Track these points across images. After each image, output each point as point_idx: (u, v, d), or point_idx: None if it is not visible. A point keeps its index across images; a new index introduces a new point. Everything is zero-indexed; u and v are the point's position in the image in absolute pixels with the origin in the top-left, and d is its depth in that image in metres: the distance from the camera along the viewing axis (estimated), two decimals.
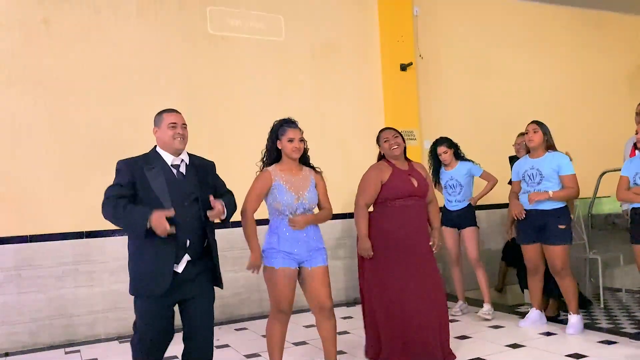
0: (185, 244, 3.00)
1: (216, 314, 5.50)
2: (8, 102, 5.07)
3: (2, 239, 4.95)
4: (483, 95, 7.18)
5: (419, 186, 3.89)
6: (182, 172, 3.12)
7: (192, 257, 3.04)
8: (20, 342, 4.92)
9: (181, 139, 3.11)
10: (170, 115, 3.14)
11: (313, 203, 3.54)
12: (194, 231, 3.04)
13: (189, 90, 5.70)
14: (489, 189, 5.34)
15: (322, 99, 6.25)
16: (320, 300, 3.49)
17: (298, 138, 3.50)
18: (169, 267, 2.96)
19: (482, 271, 5.19)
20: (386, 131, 4.04)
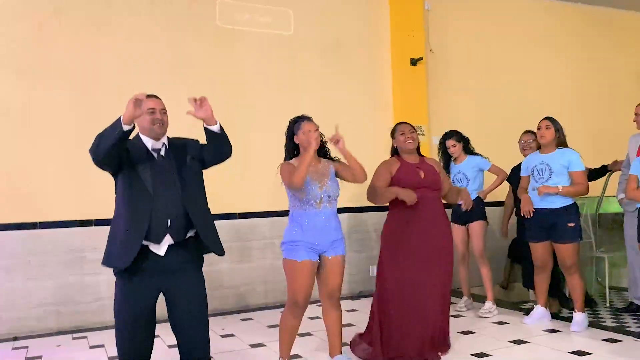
0: (166, 224, 2.99)
1: (222, 304, 5.66)
2: (18, 92, 5.11)
3: (11, 226, 5.00)
4: (493, 92, 7.15)
5: (426, 177, 3.88)
6: (163, 155, 3.12)
7: (175, 241, 3.02)
8: (28, 327, 4.98)
9: (160, 124, 3.11)
10: (149, 101, 3.11)
11: (335, 192, 3.58)
12: (175, 211, 3.01)
13: (197, 83, 5.70)
14: (498, 182, 5.37)
15: (331, 94, 6.25)
16: (330, 289, 3.55)
17: (314, 129, 3.53)
18: (138, 239, 2.94)
19: (486, 268, 5.19)
20: (403, 125, 4.04)
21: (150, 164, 3.05)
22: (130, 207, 2.99)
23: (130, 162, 3.02)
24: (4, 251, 4.96)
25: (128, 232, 2.96)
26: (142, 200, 2.97)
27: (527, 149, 5.10)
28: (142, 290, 3.01)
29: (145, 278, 2.99)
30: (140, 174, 3.01)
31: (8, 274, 4.96)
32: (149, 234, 2.95)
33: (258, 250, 5.89)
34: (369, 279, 6.29)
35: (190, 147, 3.22)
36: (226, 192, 5.72)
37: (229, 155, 3.25)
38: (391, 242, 3.89)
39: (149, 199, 2.96)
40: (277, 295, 5.89)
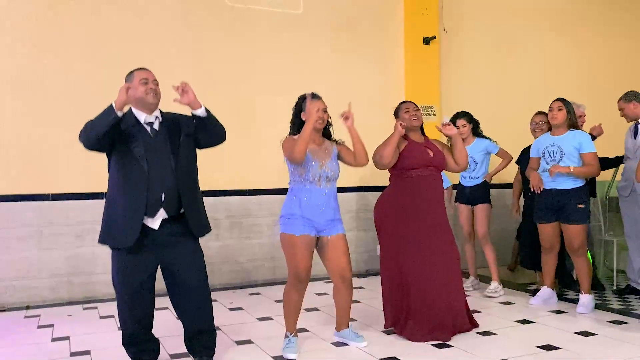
0: (160, 198, 3.03)
1: (230, 278, 5.73)
2: (31, 65, 5.14)
3: (24, 197, 5.07)
4: (506, 73, 7.09)
5: (435, 156, 3.88)
6: (156, 128, 3.14)
7: (168, 214, 3.06)
8: (40, 296, 5.07)
9: (154, 94, 3.13)
10: (141, 72, 3.15)
11: (335, 173, 3.60)
12: (168, 186, 3.05)
13: (206, 60, 5.72)
14: (504, 165, 5.39)
15: (342, 72, 6.22)
16: (341, 271, 3.58)
17: (322, 108, 3.54)
18: (138, 218, 2.99)
19: (490, 248, 5.20)
20: (407, 103, 4.04)
21: (143, 139, 3.07)
22: (126, 185, 3.02)
23: (124, 140, 3.04)
24: (18, 221, 5.03)
25: (127, 209, 2.99)
26: (138, 177, 3.01)
27: (537, 131, 5.07)
28: (139, 265, 3.07)
29: (141, 252, 3.05)
30: (134, 151, 3.04)
31: (21, 243, 5.04)
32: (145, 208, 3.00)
33: (267, 226, 5.93)
34: (376, 258, 6.31)
35: (184, 123, 3.23)
36: (236, 168, 5.76)
37: (223, 138, 3.28)
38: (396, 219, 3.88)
39: (145, 176, 3.00)
40: (284, 272, 5.85)
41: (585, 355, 3.42)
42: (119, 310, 3.19)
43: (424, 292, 3.75)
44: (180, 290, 3.18)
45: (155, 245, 3.07)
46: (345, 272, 3.58)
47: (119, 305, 3.18)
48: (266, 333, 4.02)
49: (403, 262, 3.82)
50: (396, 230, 3.87)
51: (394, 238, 3.89)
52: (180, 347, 3.37)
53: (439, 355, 3.47)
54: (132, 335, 3.20)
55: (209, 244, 5.31)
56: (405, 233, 3.83)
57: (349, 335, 3.71)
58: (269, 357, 3.50)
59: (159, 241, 3.07)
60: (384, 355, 3.45)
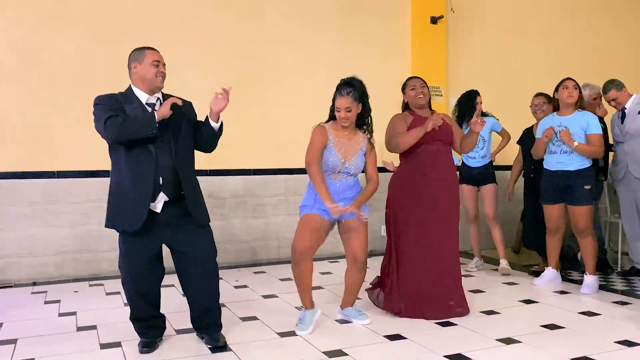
0: (158, 182, 3.02)
1: (236, 257, 5.76)
2: (36, 41, 5.12)
3: (30, 174, 5.08)
4: (513, 53, 7.02)
5: (441, 130, 3.80)
6: (157, 109, 3.09)
7: (169, 197, 3.06)
8: (47, 273, 5.11)
9: (162, 78, 3.10)
10: (154, 53, 3.10)
11: (358, 170, 3.59)
12: (166, 169, 3.03)
13: (213, 40, 5.67)
14: (504, 144, 5.44)
15: (349, 52, 6.17)
16: (356, 253, 3.59)
17: (344, 108, 3.46)
18: (145, 203, 2.98)
19: (498, 228, 5.22)
20: (414, 79, 3.99)
21: None
22: (133, 170, 2.99)
23: None
24: (24, 199, 5.06)
25: (134, 193, 2.98)
26: (145, 162, 2.98)
27: (538, 112, 5.04)
28: (144, 247, 3.09)
29: (146, 235, 3.05)
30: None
31: (28, 221, 5.06)
32: None
33: (271, 206, 5.95)
34: (381, 239, 6.33)
35: (186, 109, 3.20)
36: (241, 148, 5.75)
37: (211, 150, 3.32)
38: (404, 194, 3.86)
39: (152, 160, 2.98)
40: (289, 251, 5.90)
41: (589, 334, 3.43)
42: (126, 290, 3.21)
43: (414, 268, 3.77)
44: (188, 268, 3.19)
45: (160, 227, 3.07)
46: (359, 256, 3.59)
47: (125, 285, 3.20)
48: (271, 310, 4.04)
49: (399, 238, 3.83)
50: (402, 209, 3.86)
51: (399, 217, 3.87)
52: (186, 323, 3.40)
53: (443, 333, 3.49)
54: (139, 312, 3.23)
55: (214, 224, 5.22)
56: (409, 212, 3.82)
57: (353, 313, 3.72)
58: (273, 332, 3.52)
59: (163, 222, 3.08)
60: (387, 333, 3.47)
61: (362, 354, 3.13)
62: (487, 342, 3.30)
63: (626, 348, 3.17)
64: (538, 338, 3.36)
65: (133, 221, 3.00)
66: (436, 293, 3.78)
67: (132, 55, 3.13)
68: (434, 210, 3.79)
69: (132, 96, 3.09)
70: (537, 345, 3.22)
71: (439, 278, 3.79)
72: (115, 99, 3.06)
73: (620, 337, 3.34)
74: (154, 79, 3.06)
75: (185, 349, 3.22)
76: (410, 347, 3.24)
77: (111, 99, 3.05)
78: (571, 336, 3.41)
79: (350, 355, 3.10)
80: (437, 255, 3.78)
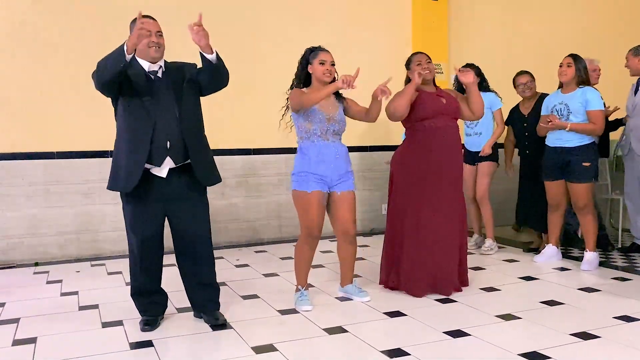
0: (165, 146, 3.03)
1: (237, 236, 5.77)
2: (34, 21, 5.08)
3: (31, 155, 5.08)
4: (515, 30, 6.94)
5: (448, 103, 3.76)
6: (159, 76, 3.12)
7: (175, 163, 3.07)
8: (49, 253, 5.14)
9: (157, 48, 3.07)
10: (147, 22, 3.03)
11: (342, 125, 3.59)
12: (173, 134, 3.04)
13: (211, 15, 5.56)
14: (497, 134, 5.19)
15: (349, 29, 6.12)
16: (345, 226, 3.58)
17: (329, 61, 3.51)
18: (140, 163, 3.00)
19: (487, 208, 5.18)
20: (419, 55, 3.92)
21: (148, 87, 3.06)
22: (130, 131, 3.04)
23: (129, 86, 3.03)
24: (25, 179, 5.06)
25: (130, 155, 3.01)
26: (142, 123, 3.01)
27: (527, 91, 4.99)
28: (149, 215, 3.11)
29: (150, 203, 3.09)
30: (139, 97, 3.03)
31: (29, 201, 5.08)
32: (150, 156, 3.02)
33: (272, 185, 5.94)
34: (381, 217, 6.34)
35: (187, 70, 3.21)
36: (241, 127, 5.73)
37: (225, 84, 3.24)
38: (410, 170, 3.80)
39: (150, 122, 3.00)
40: (290, 230, 5.98)
41: (588, 310, 3.45)
42: (130, 261, 3.25)
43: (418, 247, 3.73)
44: (182, 241, 3.22)
45: (164, 195, 3.10)
46: (349, 229, 3.59)
47: (130, 256, 3.24)
48: (272, 288, 4.06)
49: (404, 218, 3.80)
50: (406, 185, 3.82)
51: (402, 193, 3.84)
52: (188, 301, 3.42)
53: (442, 310, 3.50)
54: (140, 286, 3.25)
55: (215, 202, 5.32)
56: (414, 189, 3.78)
57: (353, 290, 3.74)
58: (274, 310, 3.54)
59: (167, 192, 3.10)
60: (387, 310, 3.49)
61: (362, 330, 3.15)
62: (487, 318, 3.32)
63: (625, 323, 3.19)
64: (537, 314, 3.38)
65: (127, 181, 3.03)
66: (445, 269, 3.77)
67: (130, 27, 3.13)
68: (439, 187, 3.75)
69: (135, 64, 3.08)
70: (537, 321, 3.24)
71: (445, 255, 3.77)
72: None
73: (620, 313, 3.35)
74: (146, 49, 3.06)
75: (186, 327, 3.25)
76: (410, 324, 3.26)
77: None
78: (571, 312, 3.42)
79: (351, 331, 3.12)
80: (443, 234, 3.75)
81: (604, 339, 2.95)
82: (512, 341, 2.94)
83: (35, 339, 3.12)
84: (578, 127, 4.34)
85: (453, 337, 3.02)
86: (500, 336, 3.02)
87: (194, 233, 3.20)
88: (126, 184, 3.04)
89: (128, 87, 3.02)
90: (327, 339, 3.05)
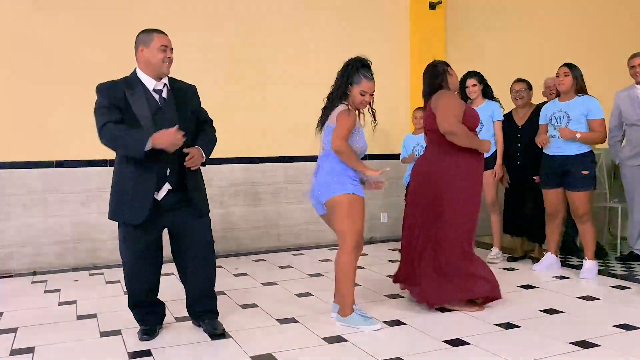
0: (165, 173, 3.00)
1: (236, 245, 5.75)
2: (32, 28, 5.09)
3: (29, 164, 5.08)
4: (513, 39, 6.97)
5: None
6: (164, 97, 3.04)
7: (173, 187, 3.04)
8: (47, 262, 5.12)
9: (169, 64, 3.04)
10: (162, 37, 3.02)
11: None
12: (173, 161, 3.00)
13: (211, 23, 5.63)
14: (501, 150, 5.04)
15: (347, 37, 6.14)
16: None
17: (371, 92, 3.36)
18: (149, 196, 2.96)
19: (496, 216, 5.15)
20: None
21: (151, 109, 2.97)
22: (137, 161, 2.93)
23: (132, 115, 2.93)
24: (23, 188, 5.05)
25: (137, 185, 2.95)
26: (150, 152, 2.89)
27: (519, 99, 5.01)
28: (143, 232, 3.05)
29: (146, 223, 3.01)
30: (141, 120, 2.93)
31: (27, 210, 5.07)
32: None
33: (270, 194, 5.94)
34: (381, 225, 6.36)
35: (190, 98, 3.15)
36: (239, 136, 5.73)
37: None
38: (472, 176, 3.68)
39: (155, 151, 2.87)
40: (288, 239, 5.98)
41: (588, 318, 3.44)
42: (125, 274, 3.20)
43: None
44: (186, 253, 3.19)
45: (160, 213, 3.05)
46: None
47: (125, 270, 3.19)
48: (271, 297, 4.05)
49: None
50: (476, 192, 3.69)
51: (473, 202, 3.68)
52: (186, 311, 3.40)
53: (442, 319, 3.49)
54: (138, 298, 3.23)
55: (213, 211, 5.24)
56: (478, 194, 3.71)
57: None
58: (273, 319, 3.53)
59: (163, 209, 3.06)
60: (387, 319, 3.48)
61: (362, 339, 3.13)
62: (487, 327, 3.31)
63: (625, 332, 3.18)
64: (537, 323, 3.37)
65: (135, 214, 2.97)
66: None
67: (140, 38, 3.05)
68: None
69: (135, 81, 3.00)
70: (536, 330, 3.23)
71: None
72: (117, 87, 2.98)
73: (619, 321, 3.34)
74: (160, 64, 2.99)
75: (185, 337, 3.23)
76: (410, 333, 3.25)
77: (113, 88, 2.97)
78: (570, 320, 3.42)
79: (350, 341, 3.11)
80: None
81: (603, 347, 2.94)
82: (511, 350, 2.93)
83: (33, 348, 3.10)
84: (587, 136, 4.35)
85: (453, 346, 3.01)
86: (500, 345, 3.01)
87: (194, 242, 3.18)
88: (135, 217, 2.97)
89: (131, 116, 2.94)
90: (326, 348, 3.03)
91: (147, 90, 3.01)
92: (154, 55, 2.99)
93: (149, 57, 2.99)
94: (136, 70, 3.06)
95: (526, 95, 5.01)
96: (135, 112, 2.95)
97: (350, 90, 3.34)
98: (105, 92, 2.97)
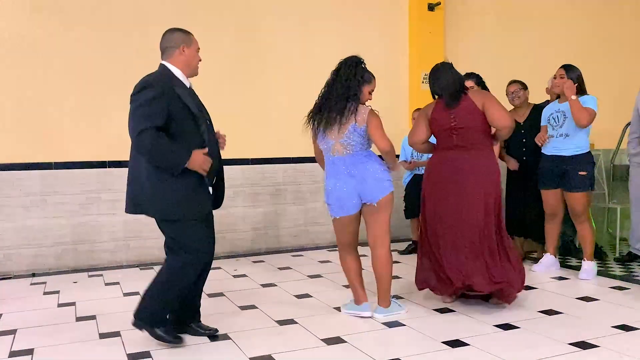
0: (217, 167, 3.13)
1: (235, 246, 5.75)
2: (32, 29, 5.09)
3: (28, 165, 5.07)
4: (512, 40, 6.99)
5: None
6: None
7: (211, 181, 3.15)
8: (46, 264, 5.12)
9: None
10: (196, 41, 3.12)
11: None
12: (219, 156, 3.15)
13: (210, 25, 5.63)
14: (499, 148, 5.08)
15: (347, 37, 6.14)
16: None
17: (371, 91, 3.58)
18: (208, 188, 3.09)
19: None
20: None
21: (198, 105, 3.02)
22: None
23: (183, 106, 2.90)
24: (22, 190, 5.05)
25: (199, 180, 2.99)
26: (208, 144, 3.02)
27: (515, 99, 5.02)
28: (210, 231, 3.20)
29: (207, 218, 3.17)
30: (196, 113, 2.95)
31: (26, 212, 5.06)
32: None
33: (270, 195, 5.94)
34: None
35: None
36: (239, 137, 5.69)
37: None
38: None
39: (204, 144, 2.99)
40: (288, 240, 5.98)
41: (587, 319, 3.45)
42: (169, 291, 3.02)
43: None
44: None
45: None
46: None
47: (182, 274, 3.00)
48: (270, 299, 4.05)
49: None
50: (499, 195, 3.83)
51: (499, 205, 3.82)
52: None
53: (441, 320, 3.50)
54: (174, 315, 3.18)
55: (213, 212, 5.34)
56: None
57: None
58: (272, 320, 3.53)
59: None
60: (386, 320, 3.48)
61: (361, 341, 3.14)
62: (486, 328, 3.31)
63: (624, 332, 3.18)
64: (536, 323, 3.38)
65: (204, 206, 3.05)
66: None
67: (180, 37, 3.01)
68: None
69: (174, 78, 2.97)
70: (535, 331, 3.23)
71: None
72: (166, 83, 2.90)
73: (618, 322, 3.35)
74: (196, 66, 3.10)
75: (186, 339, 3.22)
76: (409, 334, 3.25)
77: (163, 85, 2.87)
78: (569, 321, 3.42)
79: (349, 342, 3.11)
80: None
81: (602, 348, 2.95)
82: (510, 351, 2.93)
83: (33, 350, 3.10)
84: (579, 105, 4.24)
85: (452, 347, 3.01)
86: (499, 346, 3.01)
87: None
88: (204, 209, 3.06)
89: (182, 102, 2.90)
90: (325, 349, 3.04)
91: (187, 88, 3.04)
92: (195, 56, 3.06)
93: (190, 57, 3.04)
94: (168, 67, 3.00)
95: (522, 94, 5.01)
96: (189, 104, 2.92)
97: (361, 89, 3.44)
98: (158, 87, 2.85)
